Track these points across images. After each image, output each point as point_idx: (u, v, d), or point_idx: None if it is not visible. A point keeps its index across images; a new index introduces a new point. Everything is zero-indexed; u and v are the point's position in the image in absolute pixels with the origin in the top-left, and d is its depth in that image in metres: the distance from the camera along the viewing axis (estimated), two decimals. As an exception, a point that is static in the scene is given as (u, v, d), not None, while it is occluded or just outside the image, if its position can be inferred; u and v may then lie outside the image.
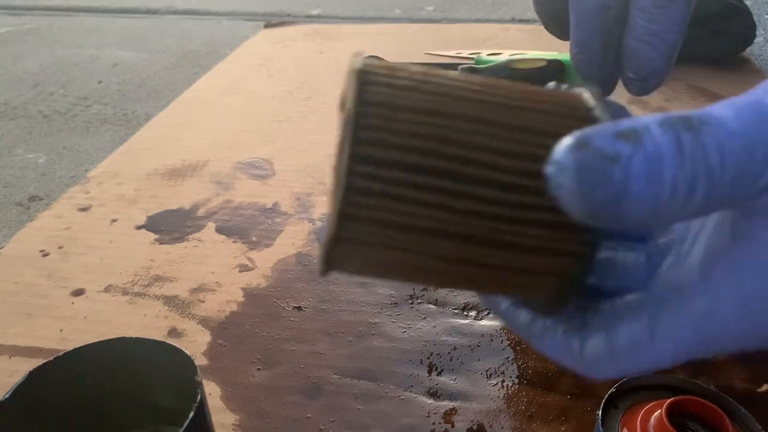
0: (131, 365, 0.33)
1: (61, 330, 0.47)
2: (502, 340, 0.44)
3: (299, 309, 0.48)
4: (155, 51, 1.12)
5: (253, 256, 0.54)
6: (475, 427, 0.38)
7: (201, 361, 0.43)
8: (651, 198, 0.15)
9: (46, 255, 0.55)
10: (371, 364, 0.43)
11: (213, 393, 0.41)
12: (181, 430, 0.28)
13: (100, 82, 1.00)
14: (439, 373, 0.42)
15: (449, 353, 0.43)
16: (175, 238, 0.56)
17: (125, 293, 0.50)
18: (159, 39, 1.18)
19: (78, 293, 0.50)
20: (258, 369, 0.43)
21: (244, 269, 0.52)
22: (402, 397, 0.40)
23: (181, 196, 0.63)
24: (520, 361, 0.42)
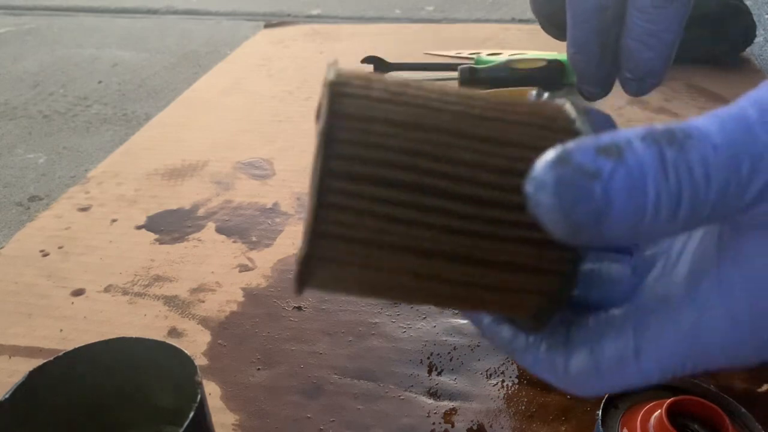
0: (131, 365, 0.33)
1: (61, 330, 0.47)
2: (502, 340, 0.44)
3: (299, 309, 0.48)
4: (155, 51, 1.12)
5: (253, 256, 0.54)
6: (475, 427, 0.38)
7: (201, 361, 0.43)
8: (633, 214, 0.15)
9: (46, 255, 0.55)
10: (371, 364, 0.43)
11: (213, 393, 0.41)
12: (181, 430, 0.28)
13: (100, 82, 1.00)
14: (439, 373, 0.42)
15: (449, 353, 0.43)
16: (175, 238, 0.56)
17: (125, 293, 0.50)
18: (159, 39, 1.18)
19: (78, 293, 0.50)
20: (258, 369, 0.43)
21: (244, 269, 0.52)
22: (402, 397, 0.40)
23: (181, 196, 0.63)
24: (520, 361, 0.42)
